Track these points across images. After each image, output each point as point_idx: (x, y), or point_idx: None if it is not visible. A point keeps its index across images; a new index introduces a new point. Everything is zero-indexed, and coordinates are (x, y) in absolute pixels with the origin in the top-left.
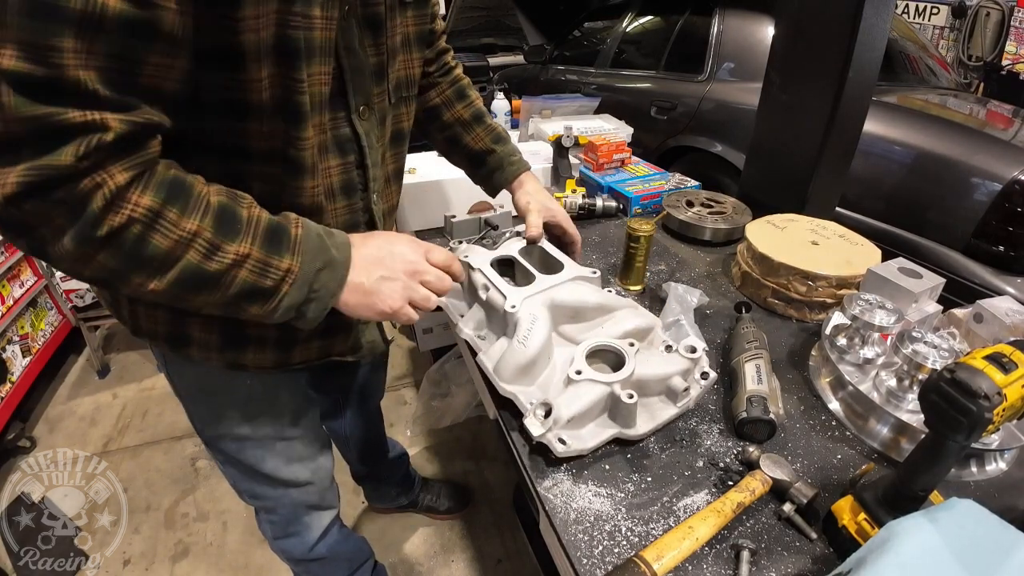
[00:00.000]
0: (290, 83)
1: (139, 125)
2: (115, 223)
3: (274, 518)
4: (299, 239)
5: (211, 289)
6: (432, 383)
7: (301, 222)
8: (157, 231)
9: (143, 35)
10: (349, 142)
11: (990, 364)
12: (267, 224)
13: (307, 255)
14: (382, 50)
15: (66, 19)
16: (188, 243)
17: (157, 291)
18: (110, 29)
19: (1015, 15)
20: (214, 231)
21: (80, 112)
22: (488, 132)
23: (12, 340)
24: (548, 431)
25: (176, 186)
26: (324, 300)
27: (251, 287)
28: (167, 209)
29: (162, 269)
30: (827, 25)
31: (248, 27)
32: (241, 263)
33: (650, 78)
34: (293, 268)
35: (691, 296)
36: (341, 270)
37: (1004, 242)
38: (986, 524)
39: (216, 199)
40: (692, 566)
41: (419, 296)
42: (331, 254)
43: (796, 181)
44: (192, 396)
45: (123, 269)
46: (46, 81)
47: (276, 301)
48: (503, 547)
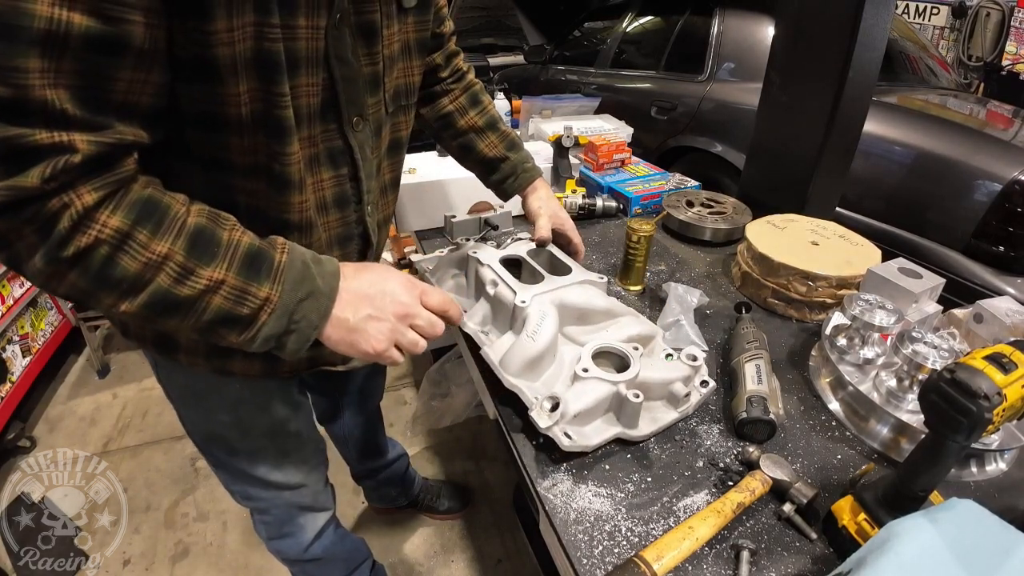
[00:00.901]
0: (271, 97)
1: (109, 145)
2: (82, 244)
3: (267, 519)
4: (282, 266)
5: (183, 314)
6: (432, 383)
7: (288, 248)
8: (125, 253)
9: (111, 51)
10: (342, 154)
11: (990, 364)
12: (247, 249)
13: (288, 283)
14: (377, 59)
15: (29, 39)
16: (158, 266)
17: (129, 312)
18: (76, 47)
19: (1015, 15)
20: (186, 254)
21: (48, 133)
22: (502, 139)
23: (12, 340)
24: (555, 424)
25: (149, 206)
26: (305, 332)
27: (226, 314)
28: (136, 230)
29: (131, 292)
30: (827, 25)
31: (222, 40)
32: (215, 289)
33: (650, 78)
34: (272, 297)
35: (691, 296)
36: (325, 301)
37: (1004, 242)
38: (986, 524)
39: (194, 220)
40: (692, 566)
41: (406, 340)
42: (315, 284)
43: (796, 181)
44: (182, 399)
45: (93, 289)
46: (12, 103)
47: (254, 330)
48: (503, 547)
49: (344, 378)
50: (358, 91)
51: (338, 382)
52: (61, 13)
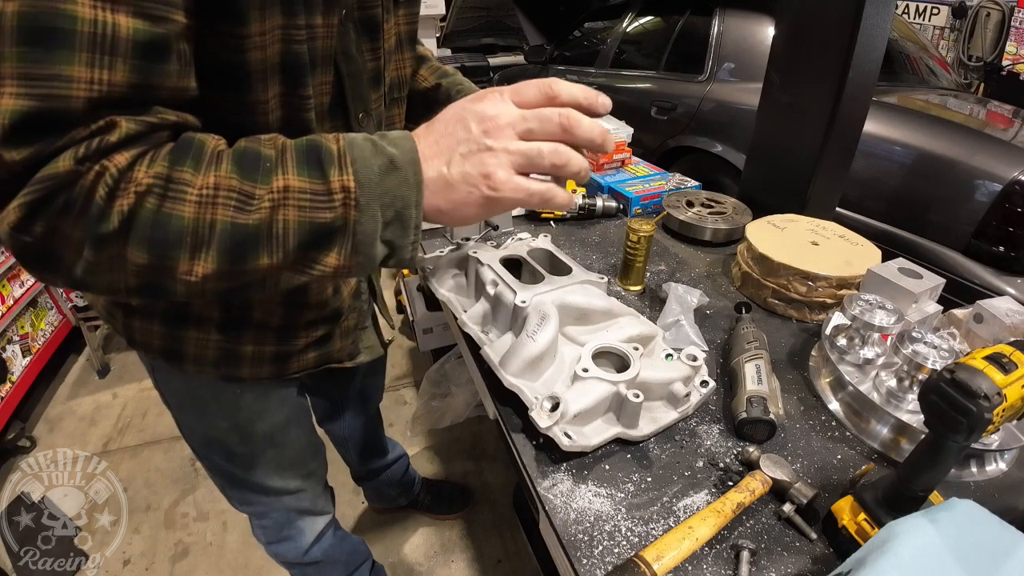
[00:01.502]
0: (297, 101)
1: (151, 124)
2: (124, 207)
3: (266, 523)
4: (343, 149)
5: (268, 247)
6: (432, 383)
7: (341, 135)
8: (173, 199)
9: (159, 56)
10: None
11: (990, 364)
12: (298, 147)
13: (359, 163)
14: (379, 54)
15: (73, 43)
16: (212, 200)
17: (210, 274)
18: (124, 52)
19: (1015, 15)
20: (239, 177)
21: (85, 128)
22: (432, 71)
23: (12, 340)
24: (555, 424)
25: (183, 147)
26: (405, 214)
27: (310, 227)
28: (176, 171)
29: (200, 244)
30: (827, 25)
31: (255, 44)
32: (283, 201)
33: (650, 78)
34: (348, 184)
35: (691, 296)
36: (411, 168)
37: (1004, 242)
38: (986, 525)
39: (232, 147)
40: (692, 566)
41: (533, 152)
42: (389, 152)
43: (796, 181)
44: (181, 405)
45: (158, 259)
46: (50, 116)
47: (349, 237)
48: (503, 547)
49: (344, 379)
50: (363, 87)
51: (338, 383)
52: (105, 15)
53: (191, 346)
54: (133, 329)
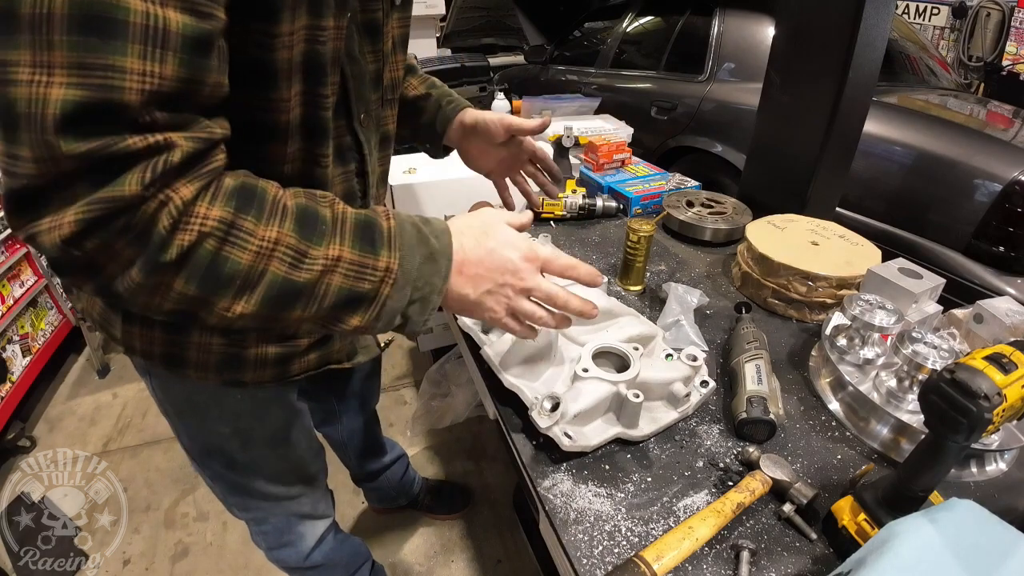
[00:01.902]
0: (316, 99)
1: (205, 141)
2: (185, 242)
3: (266, 529)
4: (393, 232)
5: (305, 302)
6: (432, 383)
7: (392, 213)
8: (234, 244)
9: (205, 52)
10: (350, 150)
11: (990, 365)
12: (355, 220)
13: (405, 249)
14: (379, 56)
15: (127, 34)
16: (270, 253)
17: (247, 314)
18: (175, 47)
19: (1015, 15)
20: (298, 236)
21: (141, 136)
22: (422, 81)
23: (12, 340)
24: (555, 424)
25: (247, 193)
26: (429, 299)
27: (348, 294)
28: (240, 218)
29: (246, 287)
30: (827, 25)
31: (283, 43)
32: (333, 268)
33: (650, 78)
34: (392, 266)
35: (691, 296)
36: (445, 263)
37: (1004, 243)
38: (986, 525)
39: (294, 201)
40: (692, 566)
41: (524, 312)
42: (431, 245)
43: (796, 181)
44: (180, 411)
45: (204, 294)
46: (104, 107)
47: (377, 307)
48: (503, 547)
49: (342, 381)
50: (365, 88)
51: (335, 386)
52: (156, 8)
53: (193, 351)
54: (133, 336)
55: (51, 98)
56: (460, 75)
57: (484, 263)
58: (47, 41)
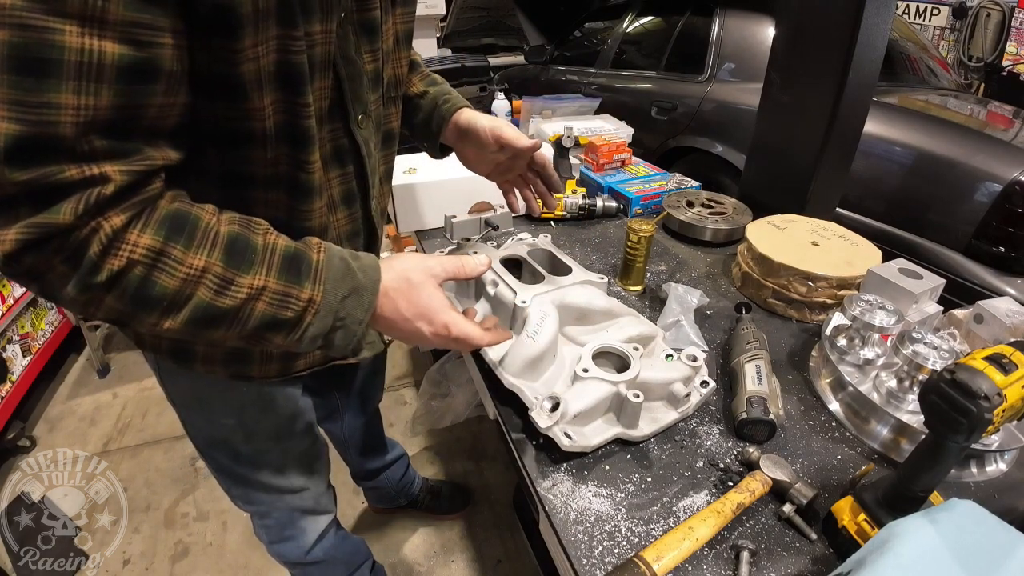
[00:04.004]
0: (296, 108)
1: (142, 173)
2: (115, 267)
3: (269, 523)
4: (320, 265)
5: (228, 324)
6: (432, 383)
7: (324, 247)
8: (162, 271)
9: (144, 78)
10: (348, 152)
11: (990, 365)
12: (284, 252)
13: (329, 283)
14: (378, 55)
15: (61, 72)
16: (197, 280)
17: (173, 329)
18: (110, 78)
19: (1016, 16)
20: (224, 264)
21: (78, 168)
22: (422, 78)
23: (12, 339)
24: (555, 424)
25: (179, 220)
26: (352, 328)
27: (271, 319)
28: (169, 246)
29: (172, 309)
30: (827, 25)
31: (247, 57)
32: (257, 296)
33: (650, 79)
34: (315, 297)
35: (691, 297)
36: (368, 297)
37: (1004, 243)
38: (986, 525)
39: (226, 229)
40: (692, 567)
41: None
42: (357, 279)
43: (796, 182)
44: (186, 403)
45: (132, 311)
46: (41, 141)
47: (300, 332)
48: (503, 547)
49: (346, 377)
50: (362, 89)
51: (339, 383)
52: (92, 43)
53: (201, 346)
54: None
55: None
56: (460, 75)
57: (399, 327)
58: None
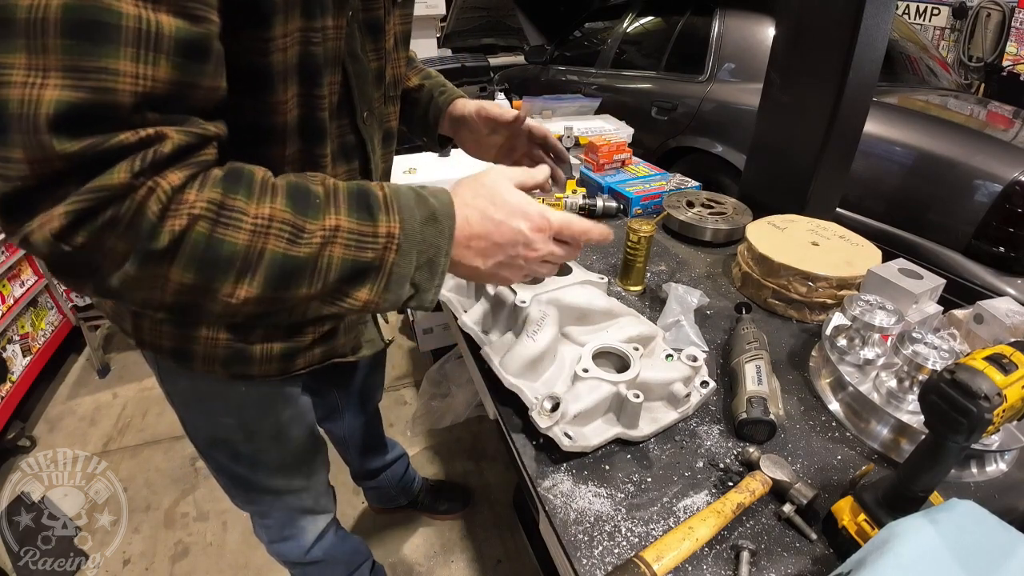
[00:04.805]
0: (313, 101)
1: (197, 136)
2: (176, 227)
3: (268, 522)
4: (390, 197)
5: (310, 278)
6: (432, 383)
7: (384, 183)
8: (227, 224)
9: (199, 55)
10: (354, 148)
11: (990, 365)
12: (348, 190)
13: (405, 212)
14: (381, 54)
15: (119, 38)
16: (266, 230)
17: (251, 298)
18: (168, 49)
19: (1016, 16)
20: (292, 211)
21: (133, 132)
22: (417, 72)
23: (12, 339)
24: (555, 424)
25: (234, 175)
26: (436, 261)
27: (351, 265)
28: (230, 198)
29: (247, 269)
30: (828, 26)
31: (276, 47)
32: (332, 239)
33: (651, 79)
34: (393, 230)
35: (691, 297)
36: (448, 222)
37: (1005, 243)
38: (986, 525)
39: (283, 180)
40: (692, 567)
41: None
42: (431, 204)
43: (796, 182)
44: (185, 403)
45: (204, 281)
46: (96, 109)
47: (385, 276)
48: (503, 547)
49: (346, 376)
50: (368, 86)
51: (339, 381)
52: (148, 13)
53: (201, 345)
54: (142, 330)
55: (44, 99)
56: (460, 75)
57: (492, 236)
58: (42, 45)
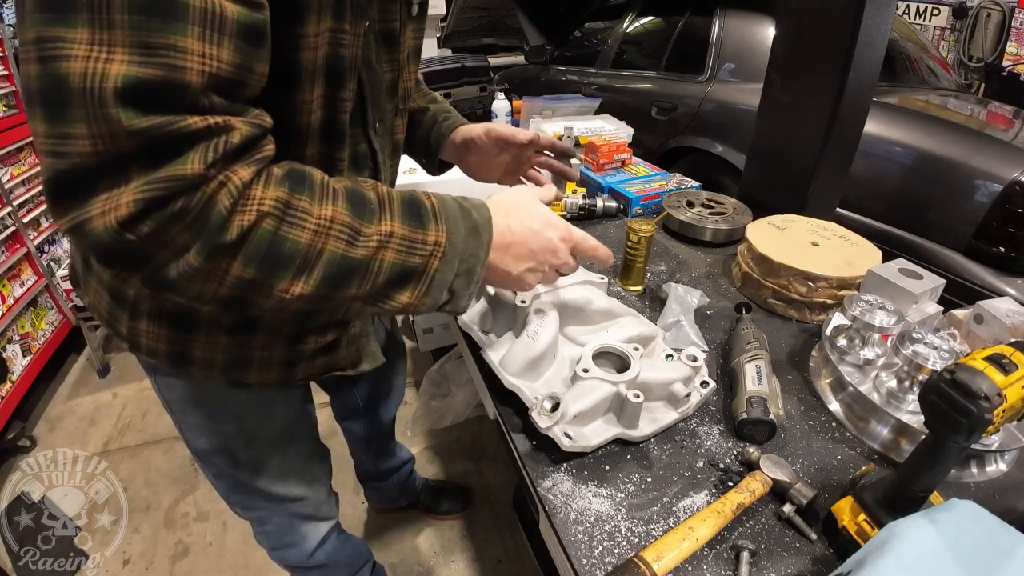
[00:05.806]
0: (336, 103)
1: (260, 127)
2: (244, 223)
3: (268, 528)
4: (438, 208)
5: (361, 280)
6: (432, 383)
7: (431, 193)
8: (292, 223)
9: (257, 40)
10: (365, 158)
11: (990, 365)
12: (401, 199)
13: (451, 223)
14: (396, 66)
15: (187, 16)
16: (327, 231)
17: (304, 295)
18: (231, 32)
19: (1016, 16)
20: (352, 214)
21: (201, 117)
22: (422, 95)
23: (12, 339)
24: (555, 424)
25: (297, 176)
26: (474, 271)
27: (400, 269)
28: (296, 198)
29: (305, 267)
30: (828, 25)
31: (309, 44)
32: (386, 244)
33: (651, 79)
34: (440, 239)
35: (691, 297)
36: (486, 235)
37: (1005, 243)
38: (986, 525)
39: (341, 184)
40: (692, 567)
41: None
42: (473, 218)
43: (797, 182)
44: (182, 409)
45: (263, 277)
46: (165, 86)
47: (427, 282)
48: (503, 547)
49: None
50: (381, 96)
51: (359, 380)
52: None
53: (199, 350)
54: (139, 333)
55: (111, 72)
56: (460, 75)
57: (529, 243)
58: (107, 20)
